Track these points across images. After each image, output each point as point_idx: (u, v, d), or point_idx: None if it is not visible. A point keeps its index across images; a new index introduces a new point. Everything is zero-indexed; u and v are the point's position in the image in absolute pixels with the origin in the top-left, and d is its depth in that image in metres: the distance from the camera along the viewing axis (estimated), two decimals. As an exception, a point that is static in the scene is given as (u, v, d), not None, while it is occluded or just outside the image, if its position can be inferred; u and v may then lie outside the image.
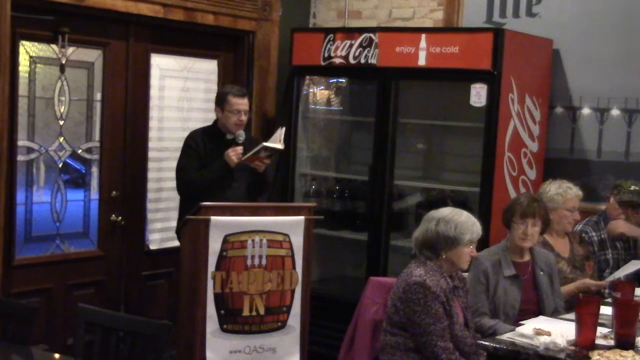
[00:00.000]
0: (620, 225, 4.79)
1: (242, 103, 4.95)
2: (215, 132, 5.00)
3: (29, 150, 4.87)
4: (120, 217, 5.27)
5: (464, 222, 3.76)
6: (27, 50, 4.80)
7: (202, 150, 4.91)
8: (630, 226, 4.78)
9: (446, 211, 3.83)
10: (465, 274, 4.09)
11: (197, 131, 5.06)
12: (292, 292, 4.58)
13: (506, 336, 3.58)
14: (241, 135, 4.93)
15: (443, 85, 5.53)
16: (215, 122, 5.04)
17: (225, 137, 4.97)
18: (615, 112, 5.28)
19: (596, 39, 5.32)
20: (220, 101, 4.97)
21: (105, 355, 3.30)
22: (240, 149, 4.88)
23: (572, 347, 3.40)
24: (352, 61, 5.46)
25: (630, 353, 3.29)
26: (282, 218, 4.58)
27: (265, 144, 4.82)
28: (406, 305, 3.69)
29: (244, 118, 4.96)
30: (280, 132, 4.90)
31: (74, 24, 4.90)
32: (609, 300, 4.03)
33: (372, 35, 5.38)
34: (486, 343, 3.52)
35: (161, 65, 5.53)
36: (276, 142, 4.86)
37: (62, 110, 5.00)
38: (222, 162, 4.85)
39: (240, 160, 4.83)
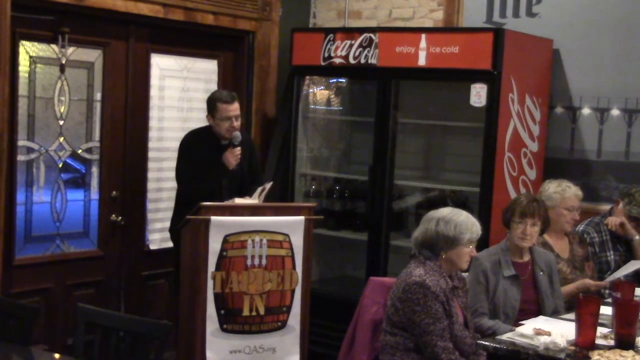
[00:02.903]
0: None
1: (232, 109, 4.88)
2: (210, 135, 4.97)
3: (29, 150, 4.87)
4: (120, 217, 5.27)
5: (464, 222, 3.77)
6: (27, 50, 4.80)
7: (197, 152, 4.91)
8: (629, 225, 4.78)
9: (446, 211, 3.83)
10: (465, 274, 4.09)
11: (192, 132, 5.06)
12: (292, 292, 4.58)
13: (506, 336, 3.58)
14: (237, 137, 4.90)
15: (443, 85, 5.53)
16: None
17: (220, 141, 4.96)
18: (615, 112, 5.28)
19: (596, 39, 5.32)
20: (211, 109, 4.91)
21: (105, 355, 3.30)
22: (238, 150, 4.87)
23: (572, 347, 3.40)
24: (352, 61, 5.46)
25: (630, 353, 3.29)
26: (282, 218, 4.58)
27: (236, 200, 4.68)
28: (406, 305, 3.69)
29: (236, 124, 4.90)
30: (262, 189, 4.80)
31: (74, 24, 4.90)
32: (609, 300, 4.03)
33: (372, 35, 5.38)
34: (486, 343, 3.52)
35: (161, 65, 5.53)
36: (255, 197, 4.78)
37: (62, 110, 5.00)
38: (220, 166, 4.84)
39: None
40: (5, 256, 4.66)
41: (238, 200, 4.67)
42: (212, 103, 4.91)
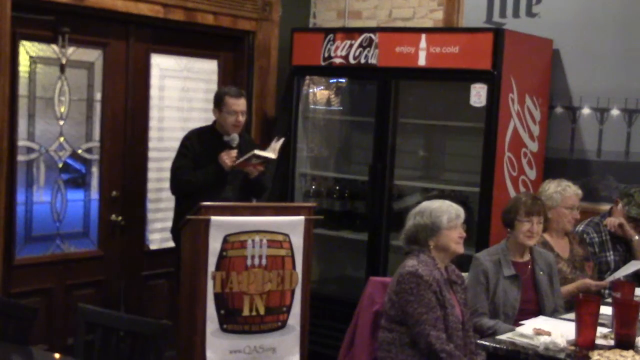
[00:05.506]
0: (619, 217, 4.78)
1: (239, 104, 4.95)
2: (212, 133, 5.00)
3: (29, 150, 4.87)
4: (120, 217, 5.27)
5: (438, 207, 3.81)
6: (27, 50, 4.80)
7: (197, 150, 4.92)
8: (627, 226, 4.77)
9: (421, 205, 3.90)
10: (465, 274, 4.10)
11: (194, 131, 5.07)
12: (292, 292, 4.58)
13: (506, 336, 3.58)
14: (235, 139, 4.93)
15: (443, 85, 5.53)
16: (214, 122, 5.05)
17: (222, 138, 4.97)
18: (615, 112, 5.28)
19: (596, 39, 5.32)
20: (218, 102, 4.98)
21: (106, 355, 3.30)
22: (234, 152, 4.88)
23: (572, 347, 3.40)
24: (352, 61, 5.46)
25: (630, 353, 3.29)
26: (282, 218, 4.58)
27: (256, 152, 4.81)
28: (400, 296, 3.70)
29: (241, 119, 4.96)
30: (276, 144, 4.88)
31: (74, 24, 4.90)
32: (609, 300, 4.03)
33: (372, 35, 5.38)
34: (486, 343, 3.52)
35: (161, 65, 5.53)
36: (270, 151, 4.85)
37: (62, 110, 5.00)
38: (216, 165, 4.85)
39: (233, 165, 4.84)
40: (5, 256, 4.66)
41: (257, 152, 4.77)
42: (220, 96, 4.98)
